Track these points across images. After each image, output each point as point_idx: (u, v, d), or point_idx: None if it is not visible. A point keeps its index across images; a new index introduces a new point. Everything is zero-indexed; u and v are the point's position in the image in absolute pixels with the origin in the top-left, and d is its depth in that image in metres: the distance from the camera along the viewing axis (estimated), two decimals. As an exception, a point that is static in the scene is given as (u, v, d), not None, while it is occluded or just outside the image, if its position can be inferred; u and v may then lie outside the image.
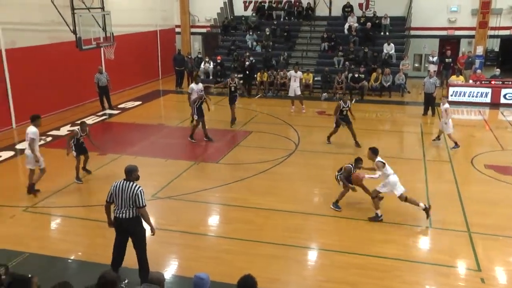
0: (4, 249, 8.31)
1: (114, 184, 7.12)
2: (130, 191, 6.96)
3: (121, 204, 7.02)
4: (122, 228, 7.17)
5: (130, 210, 7.01)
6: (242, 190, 11.02)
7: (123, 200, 6.98)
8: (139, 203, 6.96)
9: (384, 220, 9.44)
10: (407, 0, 24.80)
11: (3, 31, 15.46)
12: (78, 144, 11.53)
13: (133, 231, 7.17)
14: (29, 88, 16.34)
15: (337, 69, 22.19)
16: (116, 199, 7.04)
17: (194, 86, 15.88)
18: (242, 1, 27.60)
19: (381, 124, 17.42)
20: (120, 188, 7.02)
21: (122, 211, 7.04)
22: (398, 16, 24.91)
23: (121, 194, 6.99)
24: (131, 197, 6.94)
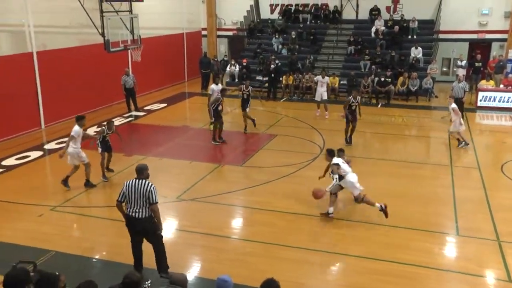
0: (32, 247, 8.51)
1: (126, 183, 7.24)
2: (144, 188, 7.10)
3: (134, 202, 7.13)
4: (136, 228, 7.28)
5: (144, 208, 7.12)
6: (265, 194, 11.02)
7: (136, 198, 7.11)
8: (152, 199, 7.09)
9: (409, 227, 9.31)
10: (436, 3, 24.45)
11: (35, 34, 15.82)
12: (103, 142, 11.85)
13: (147, 230, 7.28)
14: (58, 89, 16.69)
15: (363, 73, 22.03)
16: (129, 197, 7.15)
17: (215, 87, 16.13)
18: (269, 4, 27.64)
19: (408, 129, 17.20)
20: (133, 186, 7.15)
21: (135, 210, 7.15)
22: (426, 20, 24.58)
23: (135, 192, 7.11)
24: (145, 194, 7.07)
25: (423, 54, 22.70)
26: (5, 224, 9.58)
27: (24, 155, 13.67)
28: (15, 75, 15.22)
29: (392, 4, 25.51)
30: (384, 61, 22.56)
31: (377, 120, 17.95)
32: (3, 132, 14.82)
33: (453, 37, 24.51)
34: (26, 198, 10.69)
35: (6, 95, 14.77)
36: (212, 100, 14.92)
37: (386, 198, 10.62)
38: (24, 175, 12.30)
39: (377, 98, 20.76)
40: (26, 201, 10.54)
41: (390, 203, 10.34)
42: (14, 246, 8.58)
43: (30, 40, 15.77)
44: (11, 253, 8.16)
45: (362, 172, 12.25)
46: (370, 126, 17.17)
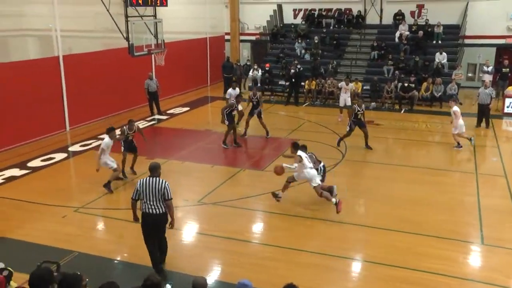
0: (56, 247, 8.66)
1: (140, 182, 7.48)
2: (159, 185, 7.37)
3: (149, 199, 7.37)
4: (151, 224, 7.52)
5: (159, 204, 7.39)
6: (286, 199, 10.99)
7: (151, 195, 7.35)
8: (168, 196, 7.39)
9: (432, 235, 9.18)
10: (462, 8, 24.12)
11: (61, 38, 16.14)
12: (126, 141, 12.07)
13: (162, 225, 7.59)
14: (82, 92, 16.97)
15: (386, 78, 21.86)
16: (144, 195, 7.39)
17: (232, 92, 16.27)
18: (292, 9, 27.67)
19: (431, 135, 16.99)
20: (148, 184, 7.39)
21: (151, 207, 7.39)
22: (451, 24, 24.26)
23: (149, 190, 7.35)
24: (160, 191, 7.34)
25: (447, 59, 22.41)
26: (30, 224, 9.78)
27: (49, 157, 13.93)
28: (42, 79, 15.54)
29: (417, 9, 25.27)
30: (408, 66, 22.35)
31: (400, 126, 17.79)
32: (30, 134, 15.13)
33: (479, 42, 24.13)
34: (50, 199, 10.89)
35: (33, 98, 15.09)
36: (225, 105, 15.03)
37: (408, 205, 10.55)
38: (49, 177, 12.53)
39: (400, 104, 20.56)
40: (50, 202, 10.74)
41: (413, 210, 10.27)
42: (38, 246, 8.75)
43: (56, 44, 16.09)
44: (35, 253, 8.32)
45: (384, 178, 12.24)
46: (392, 132, 17.03)
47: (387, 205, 10.63)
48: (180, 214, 10.39)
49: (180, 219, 10.13)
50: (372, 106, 20.63)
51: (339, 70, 23.36)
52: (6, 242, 8.97)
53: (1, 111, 14.12)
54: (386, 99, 20.67)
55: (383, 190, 11.47)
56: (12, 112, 14.47)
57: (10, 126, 14.43)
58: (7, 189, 11.62)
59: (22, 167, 13.09)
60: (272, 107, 21.20)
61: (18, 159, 13.70)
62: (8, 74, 14.41)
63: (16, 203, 10.78)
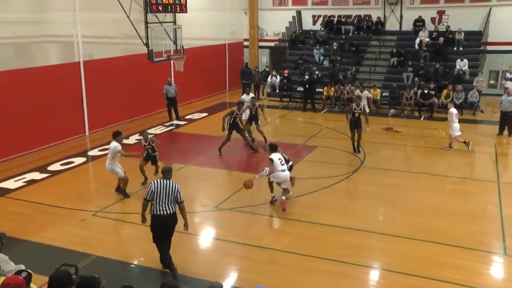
0: (74, 250, 8.75)
1: (155, 183, 7.68)
2: (172, 188, 7.64)
3: (162, 201, 7.59)
4: (162, 224, 7.71)
5: (171, 206, 7.62)
6: (304, 205, 10.96)
7: (165, 197, 7.58)
8: (180, 199, 7.68)
9: (452, 244, 9.04)
10: (485, 14, 23.83)
11: (82, 44, 16.38)
12: (147, 154, 12.27)
13: (172, 226, 7.77)
14: (102, 97, 17.17)
15: (406, 85, 21.68)
16: (158, 196, 7.59)
17: (245, 97, 16.27)
18: (311, 15, 27.67)
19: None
20: (162, 186, 7.61)
21: (163, 208, 7.60)
22: (473, 31, 23.99)
23: (163, 192, 7.57)
24: (173, 193, 7.62)
25: (469, 66, 22.12)
26: (49, 227, 9.90)
27: (69, 161, 14.11)
28: (63, 84, 15.78)
29: (438, 15, 25.06)
30: (428, 73, 22.13)
31: (419, 133, 17.62)
32: (50, 139, 15.34)
33: (502, 48, 23.77)
34: (69, 202, 11.02)
35: (54, 103, 15.32)
36: (227, 113, 15.01)
37: (428, 213, 10.43)
38: (68, 181, 12.69)
39: (420, 111, 20.36)
40: (69, 205, 10.86)
41: (432, 218, 10.14)
42: (57, 249, 8.85)
43: (77, 50, 16.33)
44: (54, 256, 8.42)
45: (403, 186, 12.11)
46: (411, 139, 16.87)
47: (406, 213, 10.52)
48: (197, 219, 10.43)
49: (197, 224, 10.18)
50: (391, 113, 20.47)
51: (357, 76, 23.25)
52: (26, 245, 9.09)
53: (23, 116, 14.35)
54: (405, 106, 20.49)
55: (402, 198, 11.35)
56: (34, 117, 14.70)
57: (32, 130, 14.65)
58: (28, 192, 11.80)
59: (42, 170, 13.28)
60: (290, 113, 21.19)
61: (39, 163, 13.90)
62: (31, 79, 14.67)
63: (36, 206, 10.93)
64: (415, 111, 20.50)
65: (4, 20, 14.79)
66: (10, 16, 15.05)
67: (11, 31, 15.46)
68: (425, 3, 25.11)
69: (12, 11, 15.20)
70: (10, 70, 14.37)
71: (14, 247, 8.64)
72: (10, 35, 15.32)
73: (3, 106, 13.81)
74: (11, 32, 15.46)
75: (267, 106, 23.13)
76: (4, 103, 13.84)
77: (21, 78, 14.39)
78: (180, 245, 9.01)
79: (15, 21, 15.34)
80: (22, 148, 14.46)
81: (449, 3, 24.68)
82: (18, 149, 14.36)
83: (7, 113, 13.89)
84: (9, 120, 13.99)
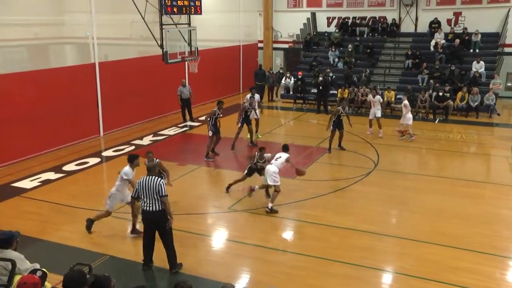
0: (88, 250, 8.85)
1: (139, 181, 7.91)
2: (154, 183, 7.79)
3: (148, 197, 7.78)
4: (150, 220, 7.91)
5: (156, 202, 7.78)
6: (317, 207, 10.94)
7: (149, 193, 7.76)
8: (162, 192, 7.77)
9: (468, 248, 8.95)
10: (503, 15, 23.53)
11: (98, 45, 16.53)
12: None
13: (160, 223, 7.86)
14: (117, 98, 17.31)
15: (421, 87, 21.53)
16: (143, 193, 7.81)
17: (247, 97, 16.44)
18: (326, 17, 27.63)
19: (466, 146, 16.61)
20: (146, 182, 7.82)
21: (149, 204, 7.79)
22: (490, 32, 23.73)
23: (147, 188, 7.77)
24: (155, 188, 7.75)
25: (485, 68, 21.89)
26: (64, 226, 10.01)
27: (83, 161, 14.24)
28: (78, 85, 15.93)
29: (454, 16, 24.83)
30: (443, 75, 21.95)
31: (433, 136, 17.47)
32: (65, 139, 15.49)
33: (520, 50, 23.51)
34: (84, 202, 11.12)
35: (69, 103, 15.48)
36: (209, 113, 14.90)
37: (443, 216, 10.34)
38: (82, 181, 12.81)
39: (435, 114, 20.20)
40: (84, 205, 10.95)
41: (447, 222, 10.05)
42: (71, 248, 8.95)
43: (93, 51, 16.49)
44: (68, 255, 8.51)
45: (417, 189, 12.03)
46: (426, 142, 16.73)
47: (420, 216, 10.45)
48: (210, 220, 10.48)
49: (210, 225, 10.23)
50: (406, 115, 20.33)
51: (372, 78, 23.15)
52: (41, 244, 9.20)
53: (39, 117, 14.51)
54: (420, 109, 20.34)
55: (415, 201, 11.27)
56: (49, 118, 14.84)
57: (47, 131, 14.81)
58: (43, 192, 11.93)
59: (57, 171, 13.43)
60: (304, 115, 21.17)
61: (54, 163, 14.06)
62: (47, 80, 14.83)
63: (51, 205, 11.05)
64: (430, 113, 20.35)
65: (21, 23, 15.01)
66: (28, 18, 15.27)
67: (32, 32, 15.70)
68: (441, 4, 24.92)
69: (29, 13, 15.41)
70: (27, 71, 14.57)
71: (30, 246, 8.76)
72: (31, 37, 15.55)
73: (20, 107, 13.99)
74: (32, 34, 15.70)
75: (281, 108, 23.17)
76: (20, 104, 14.01)
77: (38, 79, 14.57)
78: (193, 246, 9.07)
79: (32, 23, 15.56)
80: (37, 148, 14.63)
81: (465, 5, 24.45)
82: (34, 149, 14.53)
83: (23, 113, 14.06)
84: (25, 120, 14.15)
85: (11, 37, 15.16)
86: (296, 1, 27.96)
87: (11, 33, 14.98)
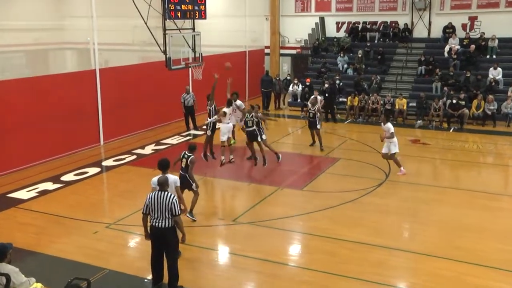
0: (87, 264, 8.82)
1: (149, 196, 7.72)
2: (167, 200, 7.60)
3: (158, 213, 7.61)
4: (158, 237, 7.75)
5: (166, 220, 7.59)
6: (326, 220, 10.88)
7: (159, 209, 7.59)
8: (175, 211, 7.59)
9: (486, 264, 8.85)
10: (522, 19, 23.50)
11: (99, 51, 16.63)
12: None
13: (168, 240, 7.72)
14: (118, 106, 17.37)
15: (434, 94, 21.47)
16: (153, 209, 7.63)
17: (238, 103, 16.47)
18: (335, 22, 27.64)
19: (483, 157, 16.50)
20: (156, 198, 7.63)
21: (158, 221, 7.62)
22: (508, 37, 23.60)
23: (158, 204, 7.59)
24: (167, 205, 7.56)
25: (503, 75, 21.80)
26: (61, 239, 10.00)
27: (83, 171, 14.26)
28: (78, 92, 15.98)
29: (469, 21, 24.78)
30: (458, 82, 21.88)
31: (448, 145, 17.38)
32: (64, 148, 15.53)
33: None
34: (82, 214, 11.12)
35: (69, 111, 15.52)
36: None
37: (459, 230, 10.27)
38: (81, 191, 12.81)
39: (449, 122, 20.11)
40: (82, 217, 10.96)
41: (464, 236, 9.97)
42: (69, 262, 8.93)
43: (94, 57, 16.57)
44: (66, 269, 8.49)
45: (431, 201, 11.95)
46: (440, 152, 16.66)
47: (434, 229, 10.36)
48: (214, 233, 10.43)
49: (214, 238, 10.19)
50: (418, 124, 20.25)
51: (383, 86, 23.12)
52: (38, 257, 9.19)
53: (37, 124, 14.57)
54: (433, 117, 20.27)
55: (430, 214, 11.19)
56: (48, 126, 14.90)
57: (45, 139, 14.86)
58: (40, 203, 11.95)
59: (55, 181, 13.45)
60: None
61: (52, 172, 14.09)
62: (45, 87, 14.91)
63: (48, 217, 11.05)
64: (444, 122, 20.27)
65: (19, 28, 15.13)
66: (27, 23, 15.39)
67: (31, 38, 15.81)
68: (455, 8, 24.87)
69: (27, 18, 15.54)
70: (25, 78, 14.65)
71: (25, 259, 8.75)
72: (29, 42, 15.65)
73: (17, 114, 14.05)
74: (31, 39, 15.80)
75: (288, 116, 23.17)
76: (17, 112, 14.07)
77: (36, 86, 14.64)
78: (196, 260, 9.04)
79: (31, 28, 15.68)
80: (35, 157, 14.66)
81: (482, 8, 24.35)
82: (31, 159, 14.57)
83: (20, 121, 14.12)
84: (23, 128, 14.22)
85: (9, 42, 15.29)
86: (304, 5, 28.03)
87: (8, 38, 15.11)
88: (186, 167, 10.36)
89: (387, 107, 20.80)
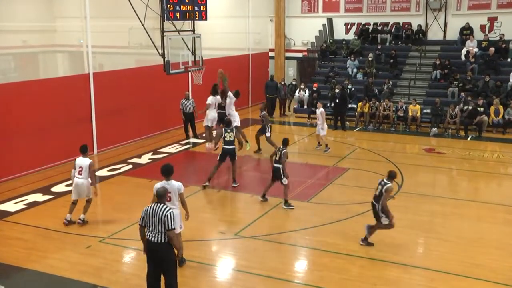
0: (79, 280, 8.80)
1: (146, 208, 7.68)
2: (160, 212, 7.51)
3: (152, 227, 7.57)
4: (153, 253, 7.66)
5: (161, 234, 7.51)
6: (335, 234, 10.85)
7: (154, 223, 7.53)
8: (168, 225, 7.46)
9: (509, 283, 8.77)
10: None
11: (92, 54, 16.67)
12: None
13: (162, 256, 7.62)
14: (113, 113, 17.39)
15: (450, 100, 21.45)
16: (148, 222, 7.60)
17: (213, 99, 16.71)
18: (344, 24, 27.73)
19: (504, 167, 16.45)
20: (152, 211, 7.59)
21: (153, 235, 7.57)
22: (530, 40, 23.67)
23: (152, 217, 7.55)
24: (161, 218, 7.47)
25: (525, 80, 21.80)
26: (52, 254, 9.98)
27: (75, 182, 14.24)
28: (71, 98, 15.97)
29: (488, 22, 24.79)
30: (476, 87, 21.87)
31: (465, 155, 17.34)
32: (55, 157, 15.51)
33: None
34: (74, 228, 11.11)
35: (60, 118, 15.51)
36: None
37: (478, 246, 10.23)
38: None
39: (467, 130, 20.08)
40: (74, 230, 10.95)
41: (484, 253, 9.93)
42: (60, 279, 8.91)
43: (87, 61, 16.61)
44: (57, 286, 8.52)
45: (448, 214, 11.92)
46: (457, 162, 16.62)
47: (452, 245, 10.31)
48: (215, 248, 10.42)
49: (214, 253, 10.17)
50: (433, 132, 20.22)
51: (395, 91, 23.13)
52: (26, 273, 9.16)
53: (26, 133, 14.57)
54: (449, 125, 20.24)
55: (446, 229, 11.14)
56: (38, 134, 14.90)
57: (35, 148, 14.88)
58: (29, 215, 11.95)
59: (45, 192, 13.47)
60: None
61: (42, 183, 14.11)
62: (35, 92, 14.91)
63: (38, 230, 11.04)
64: (461, 130, 20.23)
65: (7, 29, 15.19)
66: (15, 24, 15.46)
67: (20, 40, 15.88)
68: (473, 8, 24.89)
69: (16, 19, 15.62)
70: (13, 82, 14.67)
71: (13, 275, 8.75)
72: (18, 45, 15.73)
73: (3, 121, 14.02)
74: (19, 41, 15.87)
75: (293, 123, 23.18)
76: (4, 119, 14.04)
77: (25, 91, 14.65)
78: (194, 277, 9.01)
79: (20, 30, 15.74)
80: (23, 167, 14.68)
81: (502, 9, 24.38)
82: (19, 168, 14.58)
83: (7, 129, 14.10)
84: (11, 136, 14.23)
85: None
86: (311, 6, 28.13)
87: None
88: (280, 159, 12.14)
89: (399, 114, 20.81)
